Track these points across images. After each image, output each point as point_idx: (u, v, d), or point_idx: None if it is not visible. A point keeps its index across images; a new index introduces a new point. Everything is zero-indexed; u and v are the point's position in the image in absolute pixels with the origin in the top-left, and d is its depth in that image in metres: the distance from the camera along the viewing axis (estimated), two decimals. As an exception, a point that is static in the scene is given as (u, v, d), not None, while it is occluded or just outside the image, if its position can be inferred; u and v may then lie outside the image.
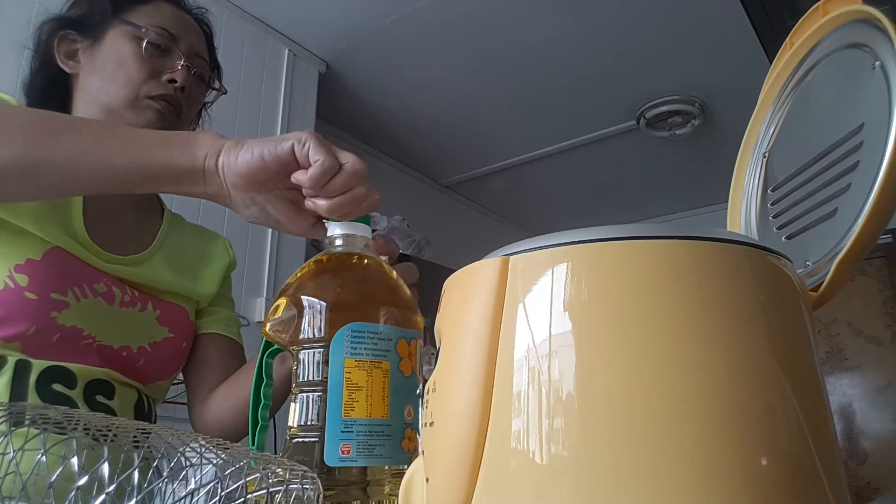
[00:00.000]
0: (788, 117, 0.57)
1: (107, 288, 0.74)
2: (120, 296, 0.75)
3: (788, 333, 0.32)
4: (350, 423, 0.47)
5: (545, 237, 0.33)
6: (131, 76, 0.78)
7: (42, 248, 0.69)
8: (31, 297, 0.66)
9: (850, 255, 0.38)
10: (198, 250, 0.92)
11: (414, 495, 0.37)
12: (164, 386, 0.84)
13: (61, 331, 0.69)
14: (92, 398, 0.71)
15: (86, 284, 0.72)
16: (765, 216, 0.56)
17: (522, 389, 0.31)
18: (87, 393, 0.70)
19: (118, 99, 0.77)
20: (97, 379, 0.72)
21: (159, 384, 0.82)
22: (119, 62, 0.78)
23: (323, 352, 0.50)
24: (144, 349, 0.78)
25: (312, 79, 2.48)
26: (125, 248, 0.79)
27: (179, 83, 0.80)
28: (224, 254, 0.96)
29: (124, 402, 0.75)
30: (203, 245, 0.94)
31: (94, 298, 0.72)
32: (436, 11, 2.25)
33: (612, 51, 2.47)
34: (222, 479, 0.31)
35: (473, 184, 3.57)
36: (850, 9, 0.48)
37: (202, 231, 0.97)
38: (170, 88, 0.79)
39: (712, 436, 0.28)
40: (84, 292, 0.71)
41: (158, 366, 0.80)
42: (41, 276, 0.68)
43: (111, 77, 0.78)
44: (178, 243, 0.88)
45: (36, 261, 0.68)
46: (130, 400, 0.76)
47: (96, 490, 0.31)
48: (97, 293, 0.73)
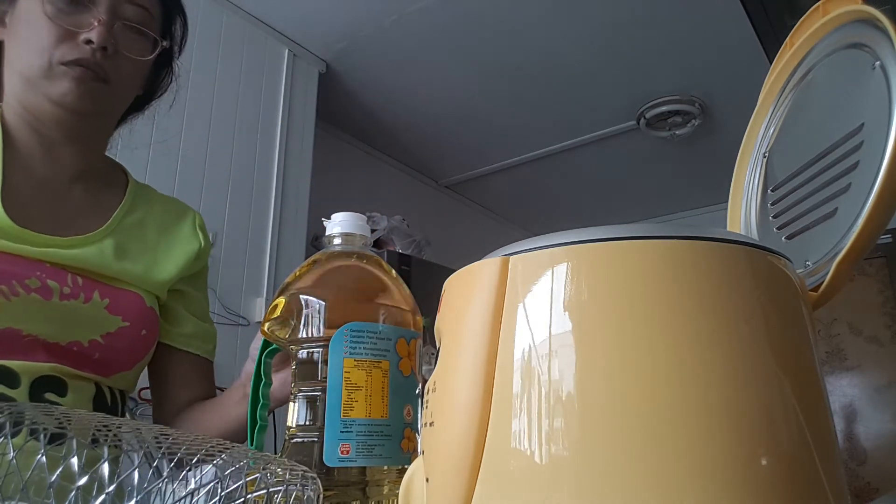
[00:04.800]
0: (788, 117, 0.57)
1: (41, 282, 0.65)
2: (58, 288, 0.67)
3: (788, 333, 0.32)
4: (349, 423, 0.47)
5: (545, 237, 0.33)
6: (41, 40, 0.67)
7: None
8: None
9: (850, 255, 0.38)
10: (161, 231, 0.80)
11: (414, 495, 0.37)
12: (130, 376, 0.75)
13: None
14: (39, 397, 0.64)
15: (15, 281, 0.63)
16: (765, 216, 0.56)
17: (522, 389, 0.31)
18: (32, 391, 0.64)
19: (32, 68, 0.68)
20: (44, 376, 0.65)
21: (123, 375, 0.73)
22: (29, 24, 0.68)
23: (322, 351, 0.50)
24: (97, 342, 0.69)
25: (312, 79, 2.48)
26: (67, 229, 0.70)
27: (97, 43, 0.67)
28: (191, 237, 0.83)
29: (79, 397, 0.68)
30: (169, 225, 0.82)
31: (28, 295, 0.64)
32: (436, 11, 2.25)
33: (612, 51, 2.47)
34: (222, 479, 0.31)
35: (473, 184, 3.57)
36: (850, 9, 0.48)
37: (172, 206, 0.85)
38: (86, 51, 0.67)
39: (712, 436, 0.28)
40: (14, 290, 0.63)
41: (117, 357, 0.72)
42: None
43: (24, 43, 0.69)
44: (138, 223, 0.78)
45: None
46: (87, 394, 0.69)
47: (96, 490, 0.31)
48: (30, 289, 0.64)
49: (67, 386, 0.67)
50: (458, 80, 2.65)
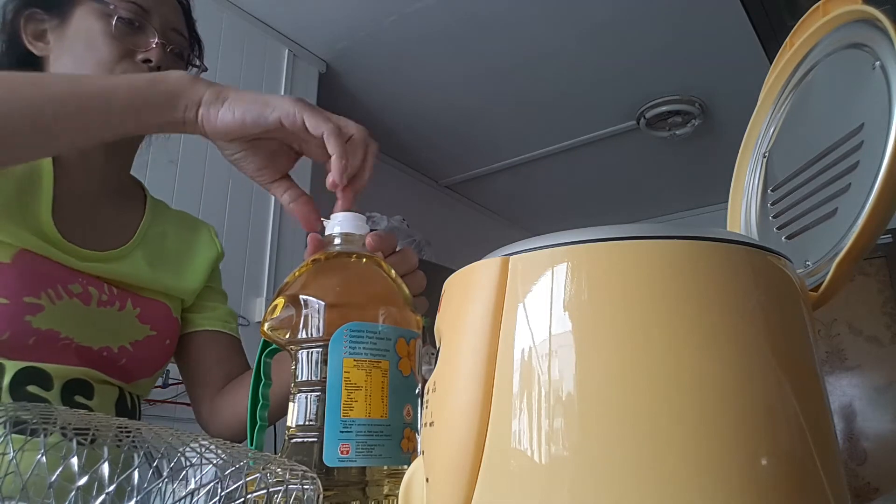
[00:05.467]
0: (788, 117, 0.57)
1: (82, 288, 0.71)
2: (97, 295, 0.72)
3: (788, 333, 0.32)
4: (349, 423, 0.47)
5: (545, 237, 0.33)
6: (102, 57, 0.71)
7: (10, 250, 0.66)
8: (2, 301, 0.64)
9: (850, 255, 0.38)
10: (181, 242, 0.87)
11: (414, 495, 0.37)
12: (149, 383, 0.81)
13: (37, 334, 0.67)
14: (70, 398, 0.69)
15: (60, 286, 0.69)
16: (765, 216, 0.56)
17: (522, 389, 0.31)
18: (64, 393, 0.68)
19: None
20: (75, 379, 0.70)
21: (143, 382, 0.79)
22: (88, 42, 0.72)
23: (321, 351, 0.50)
24: (125, 348, 0.75)
25: (312, 79, 2.48)
26: (102, 244, 0.76)
27: (154, 63, 0.73)
28: (210, 245, 0.90)
29: (104, 400, 0.73)
30: (187, 236, 0.89)
31: (70, 300, 0.70)
32: (436, 12, 2.25)
33: (612, 51, 2.47)
34: (222, 479, 0.31)
35: (473, 184, 3.57)
36: (850, 9, 0.48)
37: (186, 219, 0.92)
38: (144, 69, 0.73)
39: (712, 436, 0.28)
40: (59, 294, 0.69)
41: (141, 364, 0.77)
42: (12, 281, 0.65)
43: (81, 59, 0.72)
44: (159, 236, 0.84)
45: (6, 264, 0.66)
46: (111, 398, 0.74)
47: (96, 490, 0.31)
48: (73, 294, 0.70)
49: (94, 390, 0.71)
50: (458, 80, 2.64)
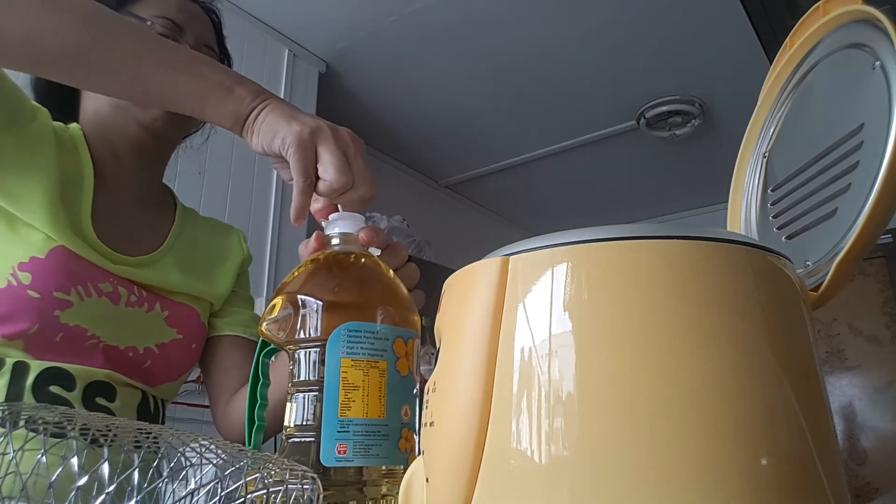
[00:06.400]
0: (788, 117, 0.57)
1: (112, 287, 0.73)
2: (126, 295, 0.74)
3: (788, 333, 0.32)
4: (346, 422, 0.47)
5: (545, 237, 0.33)
6: None
7: (47, 246, 0.68)
8: (33, 295, 0.66)
9: (850, 255, 0.38)
10: (211, 247, 0.90)
11: (414, 495, 0.37)
12: (173, 387, 0.82)
13: (64, 330, 0.68)
14: (91, 400, 0.70)
15: (90, 283, 0.70)
16: (765, 216, 0.56)
17: (522, 389, 0.31)
18: (85, 395, 0.69)
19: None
20: (97, 380, 0.71)
21: (167, 386, 0.80)
22: None
23: (319, 351, 0.49)
24: (151, 350, 0.76)
25: (312, 79, 2.48)
26: (135, 249, 0.78)
27: None
28: (238, 249, 0.93)
29: (126, 403, 0.74)
30: (217, 241, 0.91)
31: (99, 298, 0.71)
32: (436, 12, 2.25)
33: (612, 51, 2.47)
34: (222, 479, 0.31)
35: (473, 184, 3.57)
36: (850, 9, 0.48)
37: (216, 225, 0.95)
38: None
39: (712, 436, 0.28)
40: (88, 291, 0.70)
41: (166, 367, 0.78)
42: (44, 275, 0.67)
43: None
44: (190, 241, 0.87)
45: (40, 259, 0.67)
46: (133, 401, 0.75)
47: (96, 490, 0.31)
48: (102, 292, 0.72)
49: (117, 392, 0.72)
50: (458, 80, 2.64)
